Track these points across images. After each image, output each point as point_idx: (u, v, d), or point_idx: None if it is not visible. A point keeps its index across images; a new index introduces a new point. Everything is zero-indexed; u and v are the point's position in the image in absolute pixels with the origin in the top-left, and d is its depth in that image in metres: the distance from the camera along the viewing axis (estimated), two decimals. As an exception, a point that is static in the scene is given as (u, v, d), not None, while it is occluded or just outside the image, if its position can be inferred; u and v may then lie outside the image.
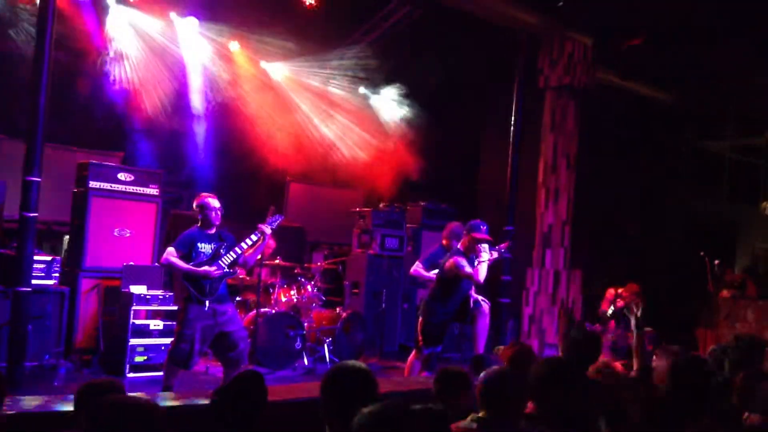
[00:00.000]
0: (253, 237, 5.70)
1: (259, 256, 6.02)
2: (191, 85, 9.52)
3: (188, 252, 5.54)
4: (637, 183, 11.05)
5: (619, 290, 8.01)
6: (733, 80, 10.14)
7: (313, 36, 9.67)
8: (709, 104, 11.08)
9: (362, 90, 11.13)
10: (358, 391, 2.74)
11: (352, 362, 2.96)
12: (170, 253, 5.52)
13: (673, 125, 11.32)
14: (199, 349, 5.52)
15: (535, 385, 3.15)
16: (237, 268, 5.83)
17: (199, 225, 5.68)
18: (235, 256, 5.62)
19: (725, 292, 9.24)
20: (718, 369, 4.14)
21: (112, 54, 8.68)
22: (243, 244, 5.65)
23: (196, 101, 9.56)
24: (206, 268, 5.51)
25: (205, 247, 5.60)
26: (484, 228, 6.26)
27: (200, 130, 9.69)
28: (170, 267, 5.61)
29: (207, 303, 5.50)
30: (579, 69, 9.47)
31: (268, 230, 5.74)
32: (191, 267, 5.50)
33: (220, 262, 5.57)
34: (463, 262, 6.13)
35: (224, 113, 9.60)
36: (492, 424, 2.98)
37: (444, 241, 6.94)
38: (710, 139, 12.13)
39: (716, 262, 9.16)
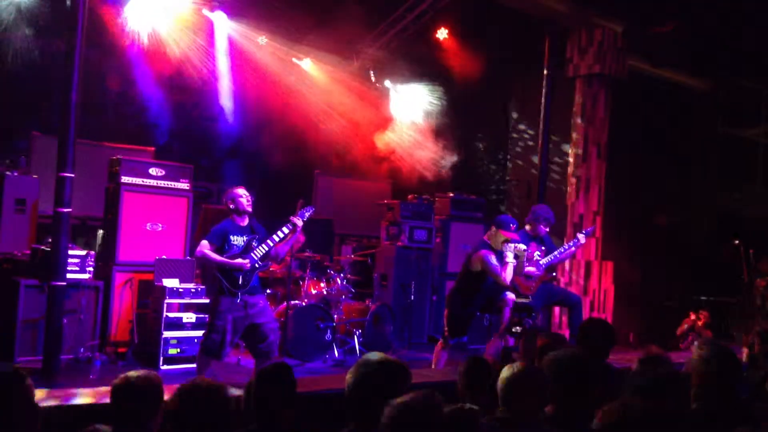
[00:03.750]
0: (285, 230, 5.74)
1: (289, 248, 6.05)
2: (220, 80, 9.58)
3: (221, 244, 5.60)
4: (670, 171, 10.88)
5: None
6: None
7: (341, 28, 9.66)
8: (742, 90, 10.85)
9: (389, 83, 11.11)
10: (385, 383, 2.74)
11: (379, 354, 2.95)
12: (204, 246, 5.58)
13: (706, 112, 11.10)
14: (230, 340, 5.59)
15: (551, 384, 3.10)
16: (269, 260, 5.87)
17: (231, 217, 5.73)
18: (266, 249, 5.67)
19: (761, 281, 9.07)
20: (754, 359, 4.08)
21: (142, 50, 8.77)
22: (275, 237, 5.70)
23: (225, 96, 9.62)
24: (239, 260, 5.57)
25: (238, 240, 5.66)
26: (513, 226, 6.21)
27: (229, 123, 9.76)
28: (204, 260, 5.68)
29: (239, 295, 5.56)
30: (609, 57, 9.33)
31: (299, 222, 5.76)
32: (225, 259, 5.56)
33: (252, 254, 5.63)
34: (492, 259, 6.05)
35: (253, 107, 9.66)
36: (511, 423, 2.94)
37: (527, 227, 6.86)
38: (744, 126, 11.88)
39: (751, 251, 8.99)
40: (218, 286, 5.61)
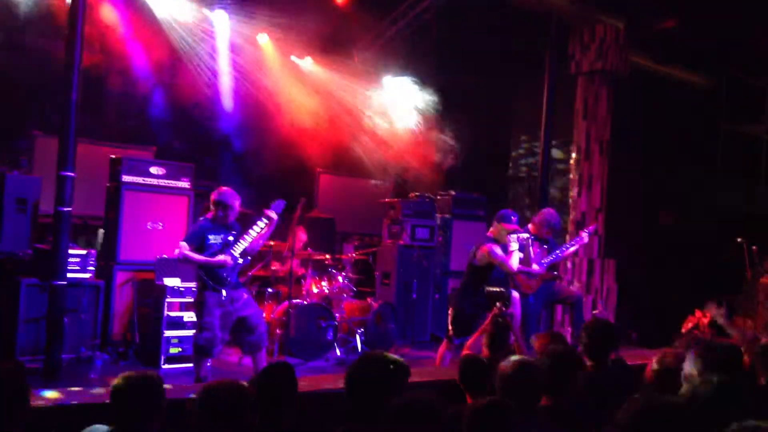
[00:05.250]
0: (260, 224, 5.77)
1: (263, 242, 6.04)
2: (221, 78, 9.56)
3: (200, 244, 5.66)
4: (672, 169, 10.85)
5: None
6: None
7: (341, 27, 9.63)
8: (745, 86, 10.82)
9: (391, 80, 11.08)
10: (384, 381, 2.74)
11: (379, 353, 2.95)
12: (183, 248, 5.63)
13: (708, 109, 11.07)
14: (221, 336, 5.64)
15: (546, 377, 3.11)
16: (247, 256, 5.88)
17: (210, 216, 5.76)
18: (244, 244, 5.70)
19: (765, 279, 9.03)
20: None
21: (142, 49, 8.75)
22: (251, 232, 5.74)
23: (226, 94, 9.61)
24: (221, 257, 5.61)
25: (215, 239, 5.72)
26: (514, 219, 6.24)
27: (230, 122, 9.74)
28: (186, 260, 5.70)
29: (223, 291, 5.61)
30: (611, 54, 9.30)
31: (274, 215, 5.79)
32: (206, 258, 5.60)
33: (231, 251, 5.66)
34: (497, 249, 6.12)
35: (254, 106, 9.64)
36: None
37: (530, 225, 6.87)
38: (747, 123, 11.85)
39: (754, 248, 8.96)
40: (201, 284, 5.66)
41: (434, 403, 2.47)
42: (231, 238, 5.73)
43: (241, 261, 5.74)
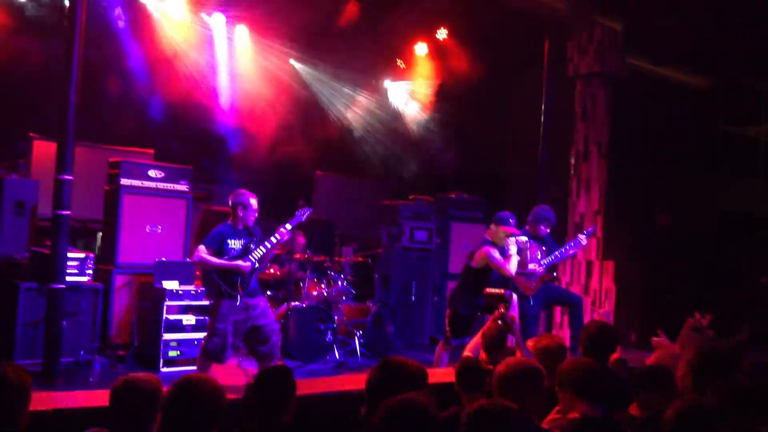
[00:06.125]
0: (282, 230, 5.75)
1: (276, 251, 6.03)
2: (219, 81, 9.57)
3: (219, 248, 5.61)
4: (671, 170, 10.84)
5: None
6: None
7: (339, 29, 9.64)
8: (743, 87, 10.82)
9: (388, 82, 11.09)
10: (403, 387, 2.73)
11: (399, 358, 2.95)
12: (201, 251, 5.60)
13: (707, 110, 11.07)
14: (231, 342, 5.62)
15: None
16: (266, 263, 5.87)
17: (230, 221, 5.73)
18: (264, 251, 5.68)
19: (765, 279, 9.05)
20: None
21: (141, 52, 8.75)
22: (273, 239, 5.70)
23: (224, 97, 9.61)
24: (238, 262, 5.58)
25: (235, 243, 5.67)
26: (512, 221, 6.24)
27: (228, 125, 9.74)
28: (202, 264, 5.69)
29: (239, 297, 5.57)
30: (609, 56, 9.31)
31: (288, 227, 5.78)
32: (223, 262, 5.57)
33: (250, 257, 5.63)
34: (495, 253, 6.11)
35: (251, 108, 9.64)
36: None
37: (527, 227, 6.88)
38: (745, 124, 11.84)
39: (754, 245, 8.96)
40: (217, 289, 5.62)
41: (425, 405, 2.46)
42: (252, 245, 5.70)
43: (257, 266, 5.71)
